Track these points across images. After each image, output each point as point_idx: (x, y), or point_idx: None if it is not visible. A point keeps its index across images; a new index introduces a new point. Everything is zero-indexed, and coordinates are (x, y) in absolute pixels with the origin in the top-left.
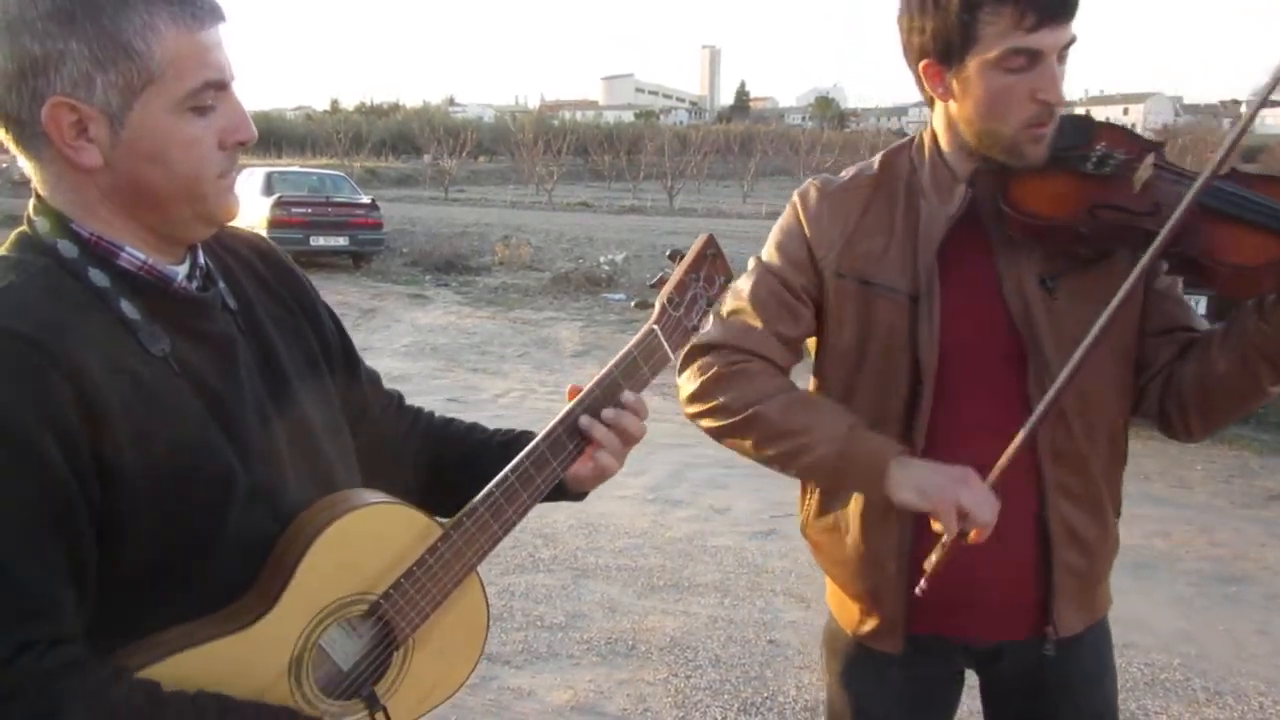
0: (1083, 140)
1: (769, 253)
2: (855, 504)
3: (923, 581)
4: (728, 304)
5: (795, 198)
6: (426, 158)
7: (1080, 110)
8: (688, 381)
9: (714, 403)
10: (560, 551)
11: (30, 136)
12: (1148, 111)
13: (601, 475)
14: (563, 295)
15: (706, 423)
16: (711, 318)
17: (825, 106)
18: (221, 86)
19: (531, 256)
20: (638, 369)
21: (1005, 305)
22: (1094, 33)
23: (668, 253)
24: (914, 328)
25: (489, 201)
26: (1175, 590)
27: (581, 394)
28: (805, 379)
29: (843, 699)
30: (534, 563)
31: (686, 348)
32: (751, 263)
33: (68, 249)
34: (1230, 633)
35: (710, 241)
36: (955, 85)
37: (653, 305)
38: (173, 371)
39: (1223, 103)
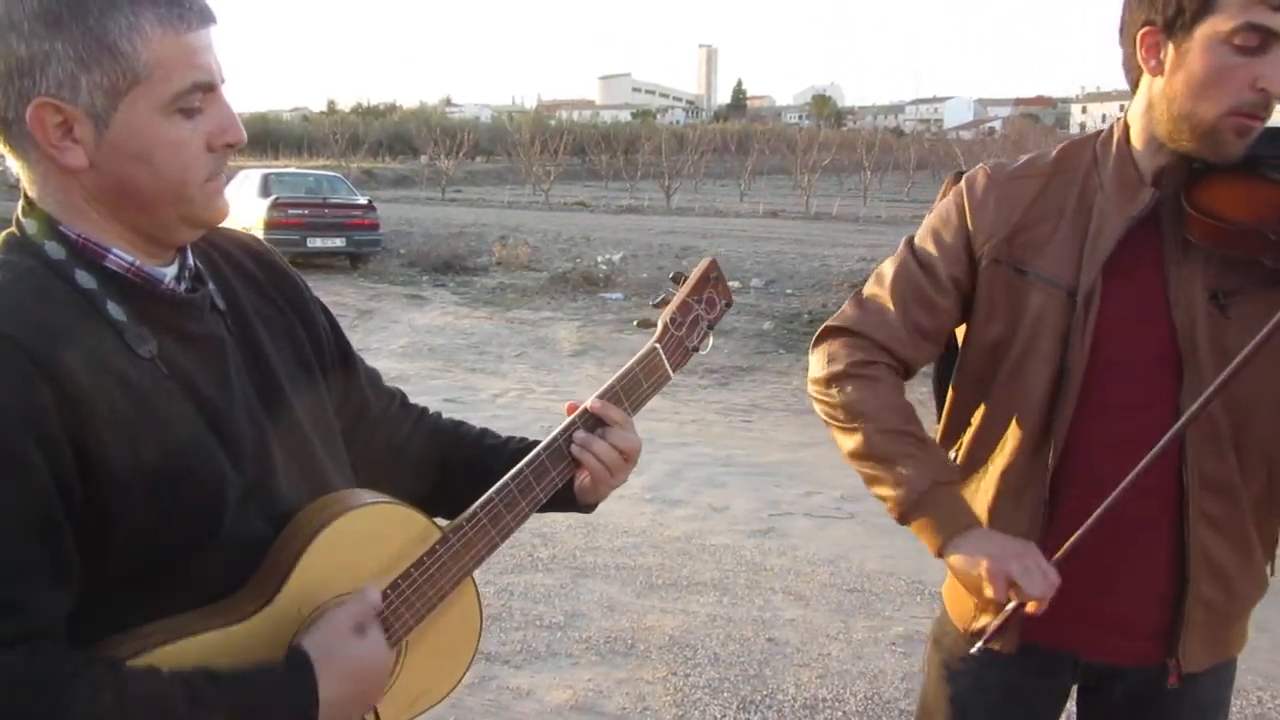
0: None
1: (921, 236)
2: (984, 499)
3: (980, 643)
4: (869, 286)
5: (961, 183)
6: (423, 158)
7: (1076, 107)
8: (816, 363)
9: (831, 397)
10: (559, 551)
11: (18, 137)
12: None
13: (602, 490)
14: (560, 295)
15: (821, 409)
16: (849, 302)
17: (822, 105)
18: (210, 89)
19: (529, 256)
20: (639, 385)
21: (1170, 317)
22: (1091, 28)
23: (671, 275)
24: (1067, 327)
25: (486, 202)
26: None
27: (582, 407)
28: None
29: (937, 694)
30: (533, 562)
31: (822, 327)
32: (901, 244)
33: (55, 250)
34: None
35: (713, 265)
36: (1172, 57)
37: (654, 324)
38: (161, 374)
39: None
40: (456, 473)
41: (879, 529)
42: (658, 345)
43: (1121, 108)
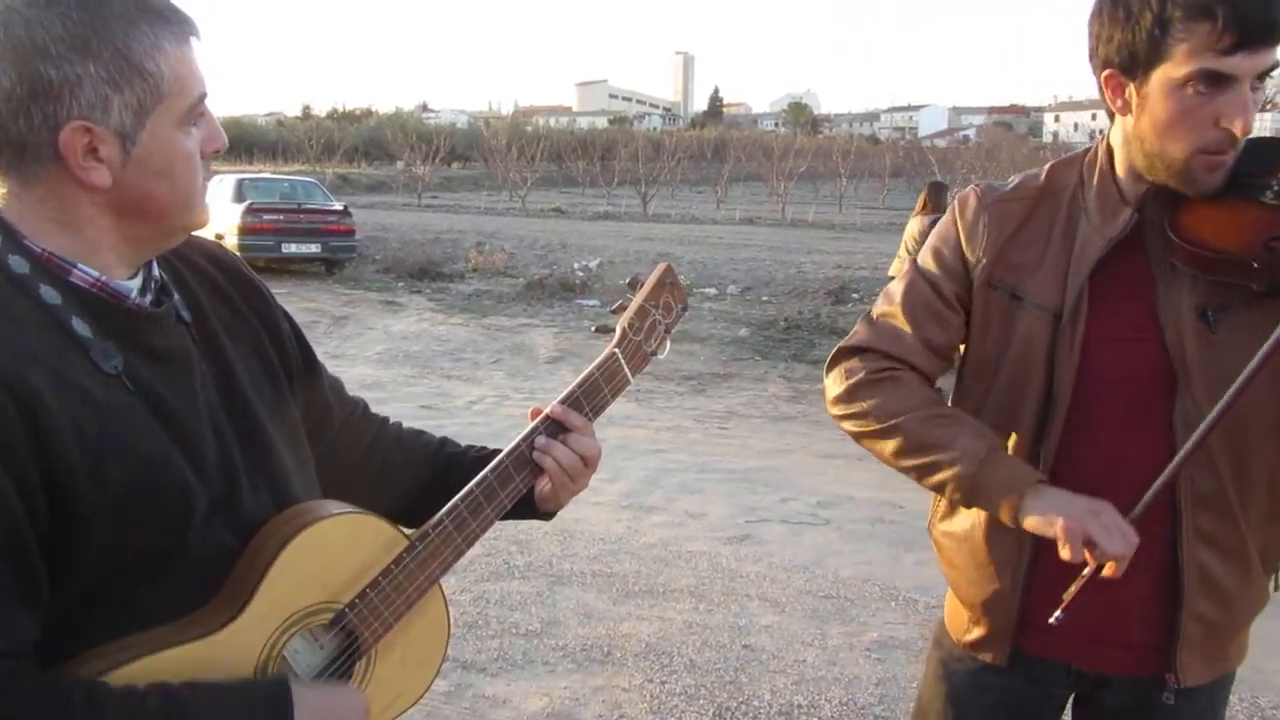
0: (1270, 166)
1: (924, 257)
2: (978, 513)
3: (1059, 612)
4: (879, 306)
5: (955, 203)
6: (399, 164)
7: (1050, 115)
8: (834, 384)
9: (858, 408)
10: (535, 558)
11: (29, 159)
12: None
13: (563, 496)
14: (537, 302)
15: (849, 426)
16: (860, 323)
17: (798, 112)
18: (205, 98)
19: (505, 263)
20: (599, 390)
21: (1160, 335)
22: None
23: (627, 280)
24: (1053, 346)
25: (462, 208)
26: None
27: (544, 414)
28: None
29: (934, 693)
30: (509, 569)
31: (834, 349)
32: (905, 266)
33: (18, 265)
34: None
35: (669, 270)
36: (1135, 100)
37: (613, 330)
38: (126, 389)
39: None
40: (417, 481)
41: (854, 535)
42: (617, 350)
43: (1094, 116)
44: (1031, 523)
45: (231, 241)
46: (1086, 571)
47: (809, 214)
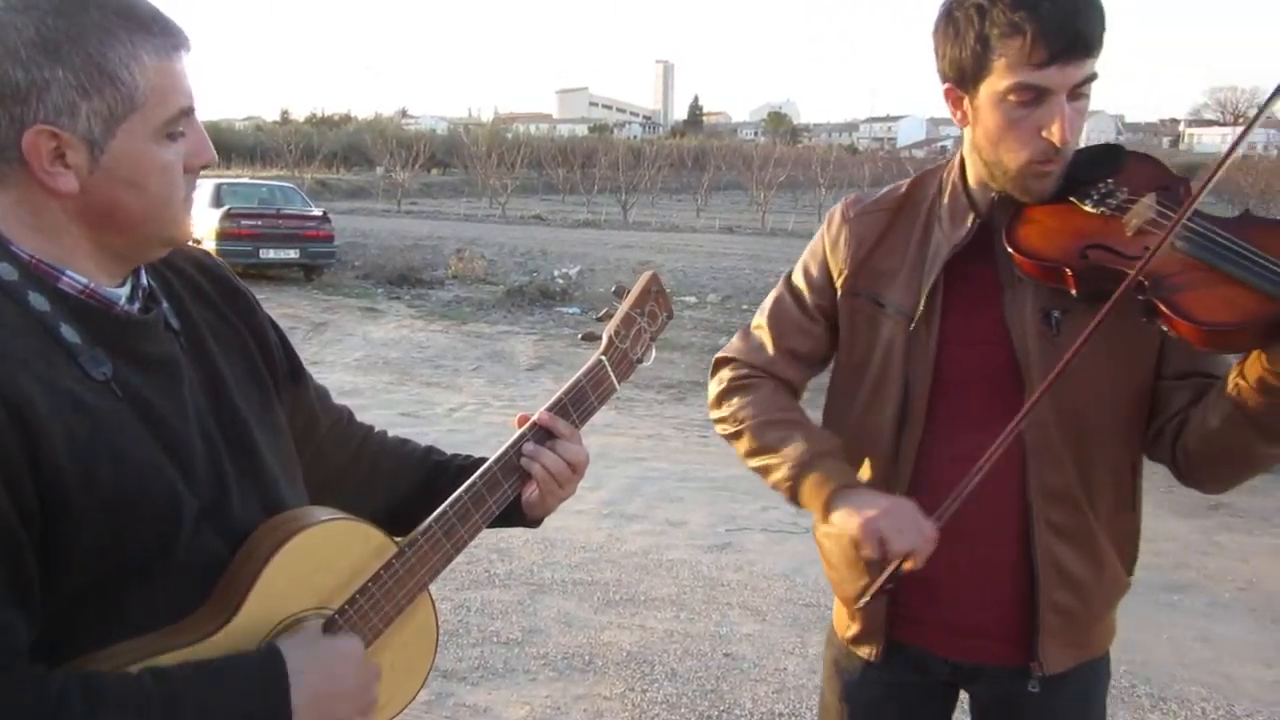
0: (1106, 171)
1: (795, 270)
2: None
3: (865, 596)
4: (755, 317)
5: (826, 217)
6: (379, 170)
7: None
8: (710, 390)
9: (724, 412)
10: (516, 567)
11: (1, 161)
12: (1090, 130)
13: (550, 503)
14: (517, 309)
15: (719, 429)
16: (737, 334)
17: (778, 121)
18: (190, 112)
19: (485, 270)
20: (585, 398)
21: (1009, 338)
22: None
23: (614, 288)
24: (909, 350)
25: (442, 214)
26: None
27: (531, 420)
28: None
29: (830, 696)
30: (490, 578)
31: (715, 358)
32: (780, 279)
33: (7, 272)
34: (1173, 640)
35: (654, 279)
36: (971, 112)
37: (599, 337)
38: (115, 396)
39: (1162, 121)
40: (403, 488)
41: None
42: (603, 358)
43: None
44: (836, 519)
45: (209, 247)
46: (891, 567)
47: (789, 223)
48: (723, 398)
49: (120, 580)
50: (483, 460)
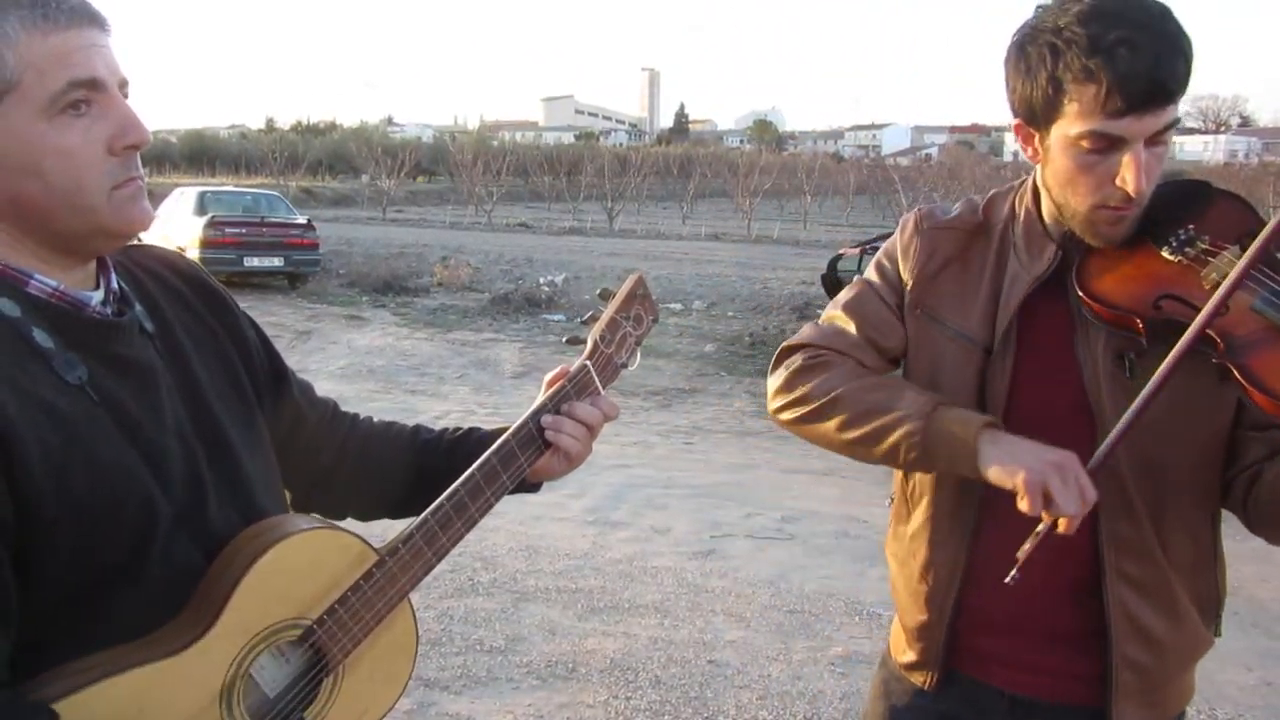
0: (1189, 214)
1: (870, 272)
2: (916, 540)
3: (1014, 571)
4: (825, 312)
5: (900, 222)
6: (364, 178)
7: (1010, 135)
8: (774, 378)
9: (797, 394)
10: (499, 574)
11: None
12: None
13: (560, 468)
14: (502, 316)
15: (789, 414)
16: (806, 326)
17: (763, 129)
18: (93, 86)
19: (470, 277)
20: (570, 403)
21: (1080, 374)
22: None
23: (599, 291)
24: (983, 381)
25: (427, 222)
26: None
27: (514, 426)
28: None
29: (874, 711)
30: (473, 586)
31: (781, 346)
32: (854, 280)
33: None
34: None
35: (640, 282)
36: (1042, 150)
37: (584, 341)
38: (90, 401)
39: None
40: (397, 472)
41: (818, 550)
42: (588, 363)
43: None
44: (994, 474)
45: (193, 255)
46: (1041, 528)
47: (774, 230)
48: (796, 378)
49: (96, 588)
50: (472, 430)
